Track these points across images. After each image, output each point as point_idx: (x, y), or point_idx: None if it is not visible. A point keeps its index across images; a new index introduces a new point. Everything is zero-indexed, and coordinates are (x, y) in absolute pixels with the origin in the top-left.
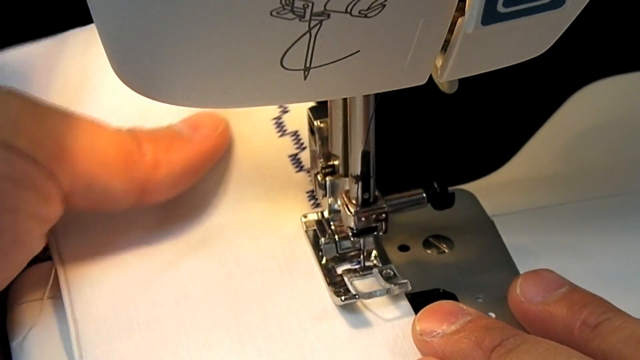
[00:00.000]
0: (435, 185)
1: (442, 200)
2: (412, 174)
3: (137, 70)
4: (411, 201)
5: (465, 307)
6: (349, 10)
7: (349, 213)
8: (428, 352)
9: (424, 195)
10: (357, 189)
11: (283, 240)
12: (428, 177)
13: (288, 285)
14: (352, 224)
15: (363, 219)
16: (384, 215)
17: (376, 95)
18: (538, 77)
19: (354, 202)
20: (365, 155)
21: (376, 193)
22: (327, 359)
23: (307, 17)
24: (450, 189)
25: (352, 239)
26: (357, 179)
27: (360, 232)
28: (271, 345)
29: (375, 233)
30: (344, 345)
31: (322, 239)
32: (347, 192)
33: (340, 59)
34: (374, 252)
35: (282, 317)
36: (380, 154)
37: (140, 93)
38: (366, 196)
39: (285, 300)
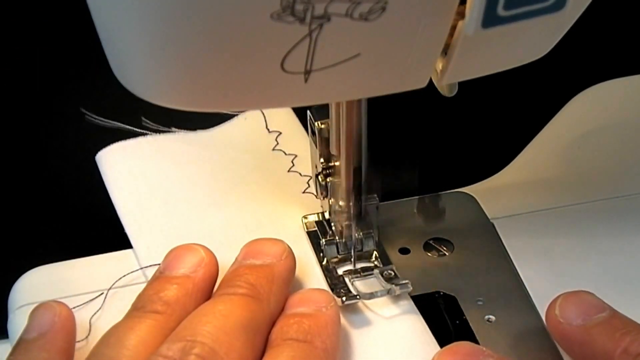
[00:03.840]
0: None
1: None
2: (411, 177)
3: (137, 72)
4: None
5: (485, 349)
6: (349, 13)
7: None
8: None
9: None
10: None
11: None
12: (428, 180)
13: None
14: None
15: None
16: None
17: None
18: (538, 80)
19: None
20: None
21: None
22: None
23: (308, 20)
24: (451, 192)
25: (354, 234)
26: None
27: (356, 219)
28: None
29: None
30: (345, 345)
31: (323, 240)
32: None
33: (340, 62)
34: (375, 253)
35: None
36: (380, 158)
37: (140, 96)
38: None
39: None
